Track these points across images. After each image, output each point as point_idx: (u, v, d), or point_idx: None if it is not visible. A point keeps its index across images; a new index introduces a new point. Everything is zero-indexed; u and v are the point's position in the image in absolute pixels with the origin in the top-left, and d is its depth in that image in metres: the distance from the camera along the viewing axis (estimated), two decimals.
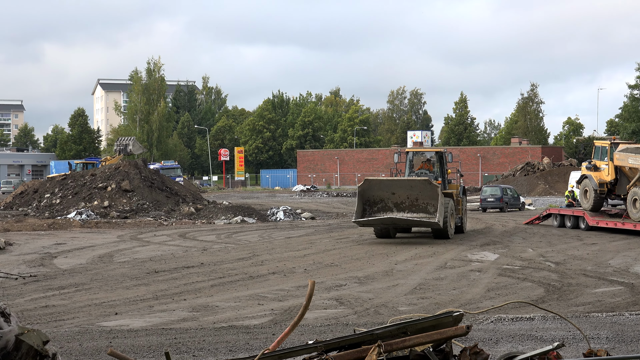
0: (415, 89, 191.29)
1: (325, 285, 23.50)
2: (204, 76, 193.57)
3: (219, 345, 15.26)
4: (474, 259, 30.27)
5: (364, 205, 37.11)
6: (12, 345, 8.31)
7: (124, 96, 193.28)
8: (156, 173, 64.13)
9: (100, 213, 53.00)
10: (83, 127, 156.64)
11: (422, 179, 36.63)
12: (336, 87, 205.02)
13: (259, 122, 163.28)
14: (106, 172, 59.72)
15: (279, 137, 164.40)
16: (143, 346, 15.20)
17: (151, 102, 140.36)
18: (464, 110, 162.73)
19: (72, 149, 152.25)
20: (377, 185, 37.30)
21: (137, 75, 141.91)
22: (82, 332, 16.76)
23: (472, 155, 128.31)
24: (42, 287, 23.69)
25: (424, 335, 8.78)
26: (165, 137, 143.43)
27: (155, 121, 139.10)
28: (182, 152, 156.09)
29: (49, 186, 60.97)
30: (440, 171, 40.49)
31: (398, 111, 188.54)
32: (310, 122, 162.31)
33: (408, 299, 21.09)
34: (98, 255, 32.40)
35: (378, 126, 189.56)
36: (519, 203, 67.77)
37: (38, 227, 46.62)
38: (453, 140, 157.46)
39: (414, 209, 36.84)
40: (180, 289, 23.19)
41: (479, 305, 19.72)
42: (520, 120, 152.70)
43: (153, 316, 18.77)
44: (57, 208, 55.45)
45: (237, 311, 19.39)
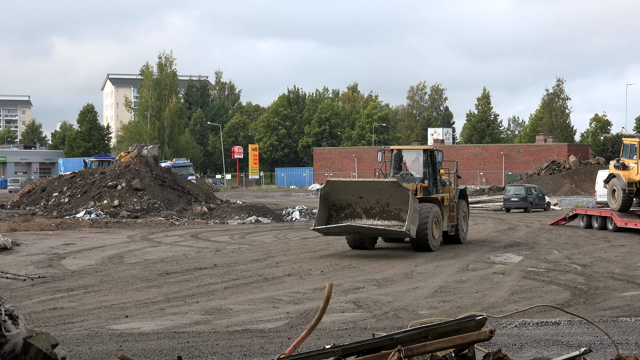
0: (436, 85, 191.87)
1: (342, 287, 23.16)
2: (217, 71, 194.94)
3: (233, 349, 15.09)
4: (497, 261, 29.82)
5: (330, 210, 32.73)
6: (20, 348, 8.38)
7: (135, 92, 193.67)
8: (168, 171, 63.88)
9: (110, 212, 52.67)
10: (92, 124, 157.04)
11: (389, 181, 31.98)
12: (354, 83, 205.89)
13: (274, 119, 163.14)
14: (116, 170, 59.44)
15: (295, 134, 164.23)
16: (154, 350, 15.02)
17: (162, 98, 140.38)
18: (486, 107, 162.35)
19: (81, 146, 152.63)
20: (341, 187, 32.55)
21: (148, 70, 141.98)
22: (91, 335, 16.58)
23: (495, 154, 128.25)
24: (51, 288, 23.39)
25: (446, 340, 8.65)
26: (177, 134, 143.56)
27: (166, 117, 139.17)
28: (195, 149, 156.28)
29: (57, 185, 60.72)
30: (429, 172, 35.19)
31: (418, 107, 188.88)
32: (327, 119, 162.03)
33: (429, 302, 20.72)
34: (108, 256, 32.10)
35: (397, 123, 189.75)
36: (544, 203, 67.23)
37: (46, 226, 46.34)
38: (475, 137, 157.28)
39: (385, 215, 32.33)
40: (192, 291, 22.89)
41: (503, 309, 19.41)
42: (546, 117, 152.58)
43: (165, 319, 18.53)
44: (66, 207, 55.16)
45: (252, 314, 19.14)
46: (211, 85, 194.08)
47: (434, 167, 35.27)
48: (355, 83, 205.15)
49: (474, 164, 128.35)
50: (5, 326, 8.39)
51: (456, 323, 8.98)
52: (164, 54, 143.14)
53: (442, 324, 9.05)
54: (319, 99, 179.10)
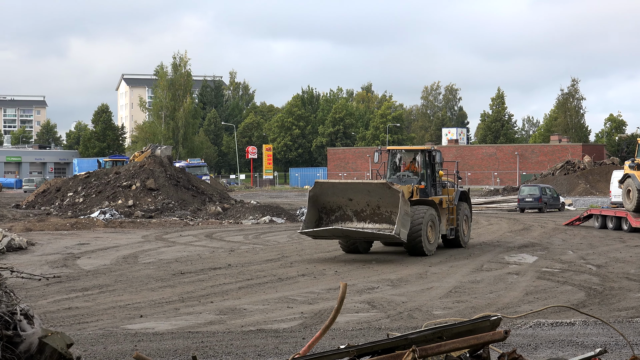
0: (450, 85, 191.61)
1: (356, 287, 23.11)
2: (231, 71, 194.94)
3: (247, 349, 15.08)
4: (512, 262, 29.71)
5: (320, 213, 31.37)
6: (36, 348, 8.38)
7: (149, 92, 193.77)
8: (182, 171, 63.93)
9: (125, 212, 52.71)
10: (107, 124, 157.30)
11: (378, 182, 30.68)
12: (368, 83, 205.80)
13: (288, 119, 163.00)
14: (131, 170, 59.51)
15: (309, 134, 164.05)
16: (169, 350, 15.01)
17: (177, 98, 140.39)
18: (501, 107, 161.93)
19: (96, 146, 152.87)
20: (330, 189, 31.22)
21: (162, 71, 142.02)
22: (106, 334, 16.56)
23: (509, 154, 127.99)
24: (65, 288, 23.40)
25: (460, 340, 8.60)
26: (191, 134, 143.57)
27: (181, 117, 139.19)
28: (209, 149, 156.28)
29: (72, 185, 60.81)
30: (427, 173, 33.74)
31: (432, 107, 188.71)
32: (341, 119, 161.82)
33: (443, 302, 20.66)
34: (122, 256, 32.09)
35: (411, 123, 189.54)
36: (559, 203, 66.98)
37: (61, 226, 46.38)
38: (490, 137, 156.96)
39: (376, 218, 30.90)
40: (207, 291, 22.87)
41: (517, 310, 19.32)
42: (560, 117, 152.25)
43: (179, 319, 18.50)
44: (80, 207, 55.24)
45: (266, 314, 19.10)
46: (225, 86, 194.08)
47: (432, 168, 33.95)
48: (370, 83, 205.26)
49: (488, 164, 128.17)
50: (20, 326, 8.40)
51: (471, 323, 8.96)
52: (179, 54, 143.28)
53: (457, 324, 9.03)
54: (333, 99, 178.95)
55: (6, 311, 8.39)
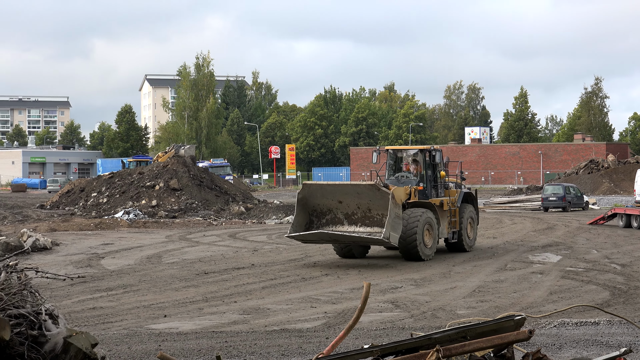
0: (473, 84, 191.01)
1: (380, 287, 23.08)
2: (253, 71, 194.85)
3: (271, 349, 15.08)
4: (536, 261, 29.59)
5: (311, 216, 30.09)
6: (61, 347, 8.39)
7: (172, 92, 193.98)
8: (205, 171, 64.02)
9: (148, 212, 52.84)
10: (130, 124, 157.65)
11: (367, 184, 29.30)
12: (391, 82, 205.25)
13: (311, 119, 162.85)
14: (154, 170, 59.64)
15: (332, 133, 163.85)
16: (193, 350, 15.02)
17: (200, 98, 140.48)
18: (524, 106, 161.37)
19: (119, 146, 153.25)
20: (318, 191, 29.89)
21: (185, 71, 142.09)
22: (130, 334, 16.60)
23: (533, 153, 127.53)
24: (90, 288, 23.48)
25: (484, 340, 8.62)
26: (214, 134, 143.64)
27: (204, 118, 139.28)
28: (232, 149, 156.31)
29: (96, 185, 61.00)
30: (427, 174, 32.03)
31: (455, 107, 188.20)
32: (364, 119, 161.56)
33: (467, 302, 20.60)
34: (146, 256, 32.16)
35: (434, 122, 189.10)
36: (583, 202, 66.60)
37: (85, 226, 46.52)
38: (513, 136, 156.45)
39: (368, 221, 29.47)
40: (230, 290, 22.90)
41: (541, 309, 19.24)
42: (584, 115, 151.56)
43: (203, 319, 18.52)
44: (104, 207, 55.40)
45: (289, 314, 19.09)
46: (248, 86, 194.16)
47: (433, 169, 32.33)
48: (392, 82, 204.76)
49: (512, 163, 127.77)
50: (45, 325, 8.43)
51: (495, 323, 8.94)
52: (202, 54, 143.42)
53: (481, 323, 9.01)
54: (356, 98, 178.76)
55: (31, 311, 8.42)
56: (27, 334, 8.21)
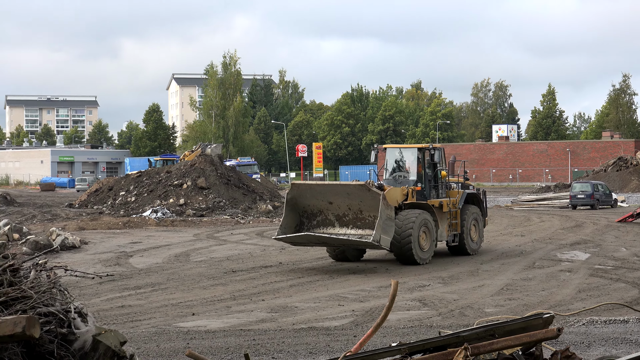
0: (500, 81, 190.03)
1: (408, 285, 23.06)
2: (280, 70, 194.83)
3: (299, 347, 15.09)
4: (564, 259, 29.46)
5: (301, 217, 28.60)
6: (90, 345, 8.42)
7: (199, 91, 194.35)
8: (232, 170, 64.08)
9: (176, 211, 52.95)
10: (158, 123, 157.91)
11: (357, 184, 28.06)
12: (418, 80, 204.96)
13: (338, 117, 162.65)
14: (182, 169, 59.73)
15: (359, 132, 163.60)
16: (221, 348, 15.05)
17: (227, 97, 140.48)
18: (552, 103, 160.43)
19: (147, 145, 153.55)
20: (308, 191, 28.45)
21: (212, 70, 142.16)
22: (159, 332, 16.66)
23: (561, 150, 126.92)
24: (118, 286, 23.58)
25: (513, 338, 8.60)
26: (241, 133, 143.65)
27: (231, 116, 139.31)
28: (259, 148, 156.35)
29: (124, 184, 61.16)
30: (425, 173, 30.37)
31: (482, 104, 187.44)
32: (390, 117, 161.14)
33: (494, 300, 20.55)
34: (174, 254, 32.24)
35: (461, 120, 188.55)
36: (611, 200, 66.16)
37: (113, 225, 46.69)
38: (541, 134, 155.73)
39: (359, 223, 27.96)
40: (258, 289, 22.94)
41: (570, 307, 19.19)
42: (612, 113, 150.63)
43: (231, 317, 18.57)
44: (133, 206, 55.54)
45: (317, 312, 19.12)
46: (275, 84, 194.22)
47: (432, 168, 30.59)
48: (419, 80, 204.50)
49: (540, 161, 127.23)
50: (74, 324, 8.46)
51: (523, 321, 8.93)
52: (228, 53, 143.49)
53: (509, 321, 9.00)
54: (383, 96, 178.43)
55: (61, 309, 8.45)
56: (56, 332, 8.25)
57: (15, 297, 8.26)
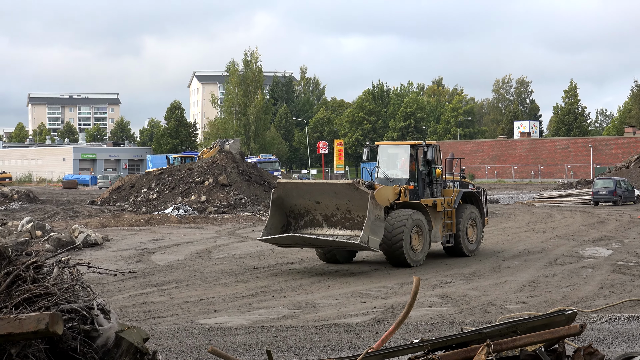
0: (522, 77, 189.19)
1: (429, 282, 23.04)
2: (301, 67, 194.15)
3: (321, 343, 15.08)
4: (586, 255, 29.35)
5: (288, 218, 27.42)
6: (113, 342, 8.46)
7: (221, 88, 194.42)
8: (254, 167, 64.16)
9: (198, 208, 53.04)
10: (179, 120, 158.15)
11: (344, 183, 26.72)
12: (439, 77, 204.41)
13: (359, 114, 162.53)
14: (203, 166, 59.82)
15: (380, 128, 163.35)
16: (243, 344, 15.06)
17: (248, 94, 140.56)
18: (573, 99, 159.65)
19: (169, 142, 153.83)
20: (294, 190, 27.20)
21: (233, 67, 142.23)
22: (181, 329, 16.70)
23: (583, 146, 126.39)
24: (141, 283, 23.65)
25: (535, 335, 8.59)
26: (262, 130, 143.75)
27: (252, 113, 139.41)
28: (280, 145, 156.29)
29: (146, 181, 61.30)
30: (419, 172, 29.15)
31: (504, 100, 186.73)
32: (412, 113, 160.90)
33: (517, 296, 20.50)
34: (196, 251, 32.28)
35: (483, 116, 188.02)
36: (634, 196, 65.85)
37: (135, 222, 46.77)
38: (562, 130, 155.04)
39: (348, 224, 26.67)
40: (279, 285, 22.96)
41: (592, 304, 19.10)
42: (635, 109, 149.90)
43: (253, 313, 18.59)
44: (154, 203, 55.68)
45: (339, 309, 19.11)
46: (296, 81, 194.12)
47: (426, 166, 29.47)
48: (440, 77, 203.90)
49: (562, 157, 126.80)
50: (97, 320, 8.49)
51: (546, 317, 8.90)
52: (250, 50, 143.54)
53: (532, 318, 8.98)
54: (404, 93, 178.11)
55: (83, 306, 8.48)
56: (79, 329, 8.28)
57: (38, 294, 8.29)
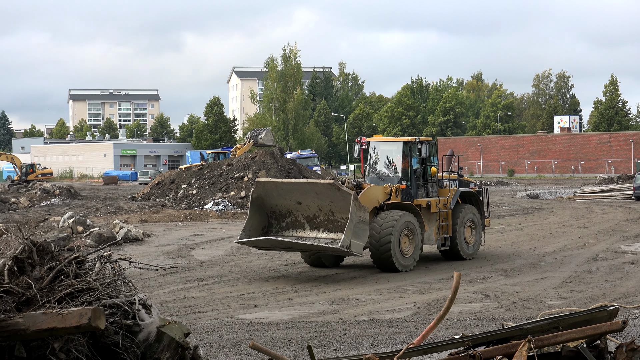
0: (562, 72, 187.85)
1: (469, 277, 22.97)
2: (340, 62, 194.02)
3: (361, 339, 15.10)
4: (628, 251, 29.12)
5: (269, 219, 25.67)
6: (154, 337, 8.53)
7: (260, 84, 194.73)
8: (293, 162, 64.20)
9: (237, 204, 53.13)
10: (219, 116, 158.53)
11: (325, 182, 25.04)
12: (478, 72, 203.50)
13: (398, 109, 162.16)
14: (242, 162, 59.93)
15: (419, 124, 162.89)
16: (283, 339, 15.11)
17: (287, 90, 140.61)
18: (614, 94, 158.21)
19: (208, 138, 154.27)
20: (274, 190, 25.46)
21: (272, 63, 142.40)
22: (221, 324, 16.77)
23: (624, 141, 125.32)
24: (181, 278, 23.75)
25: (577, 331, 8.53)
26: (301, 126, 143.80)
27: (291, 109, 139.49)
28: (319, 140, 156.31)
29: (186, 177, 61.51)
30: (412, 170, 27.19)
31: (544, 95, 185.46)
32: (451, 108, 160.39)
33: (557, 292, 20.40)
34: (236, 247, 32.25)
35: (522, 111, 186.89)
36: None
37: (175, 218, 46.94)
38: (603, 125, 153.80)
39: (331, 226, 24.73)
40: (319, 281, 22.99)
41: (634, 300, 19.02)
42: None
43: (292, 309, 18.63)
44: (194, 199, 55.85)
45: (379, 304, 19.12)
46: (335, 77, 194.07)
47: (420, 164, 27.42)
48: (480, 72, 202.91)
49: (602, 152, 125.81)
50: (139, 315, 8.55)
51: (587, 313, 8.85)
52: (289, 46, 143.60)
53: (573, 314, 8.93)
54: (443, 88, 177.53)
55: (125, 301, 8.54)
56: (121, 323, 8.34)
57: (80, 288, 8.35)
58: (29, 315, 7.75)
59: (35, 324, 7.65)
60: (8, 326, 7.65)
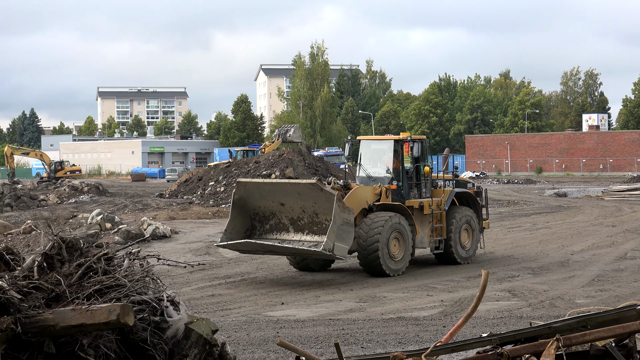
0: (590, 70, 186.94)
1: (497, 276, 22.90)
2: (367, 60, 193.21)
3: (388, 337, 15.10)
4: None
5: (253, 221, 24.74)
6: (182, 333, 8.58)
7: (287, 81, 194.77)
8: (320, 160, 64.25)
9: None
10: (246, 114, 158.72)
11: (307, 183, 24.01)
12: (506, 69, 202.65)
13: (425, 107, 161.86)
14: (270, 159, 60.04)
15: (446, 121, 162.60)
16: (310, 337, 15.13)
17: (314, 88, 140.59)
18: None
19: (236, 135, 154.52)
20: (256, 191, 24.47)
21: (300, 60, 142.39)
22: (249, 321, 16.82)
23: None
24: (209, 275, 23.83)
25: (606, 330, 8.47)
26: (329, 123, 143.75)
27: (318, 107, 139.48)
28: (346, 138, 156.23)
29: (213, 174, 61.65)
30: (403, 170, 25.97)
31: (572, 93, 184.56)
32: (479, 106, 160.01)
33: (586, 291, 20.31)
34: None
35: (551, 109, 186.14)
36: None
37: (203, 215, 47.03)
38: (632, 123, 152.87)
39: (316, 228, 23.71)
40: (346, 278, 23.00)
41: None
42: None
43: (320, 306, 18.66)
44: (222, 196, 55.98)
45: (406, 302, 19.12)
46: (362, 74, 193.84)
47: (413, 164, 26.16)
48: (507, 70, 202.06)
49: (631, 150, 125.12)
50: (167, 312, 8.58)
51: (616, 312, 8.81)
52: (316, 44, 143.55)
53: (602, 313, 8.89)
54: (471, 86, 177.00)
55: (153, 297, 8.58)
56: (149, 320, 8.38)
57: (109, 285, 8.39)
58: (58, 311, 7.80)
59: (64, 320, 7.70)
60: (38, 322, 7.71)
